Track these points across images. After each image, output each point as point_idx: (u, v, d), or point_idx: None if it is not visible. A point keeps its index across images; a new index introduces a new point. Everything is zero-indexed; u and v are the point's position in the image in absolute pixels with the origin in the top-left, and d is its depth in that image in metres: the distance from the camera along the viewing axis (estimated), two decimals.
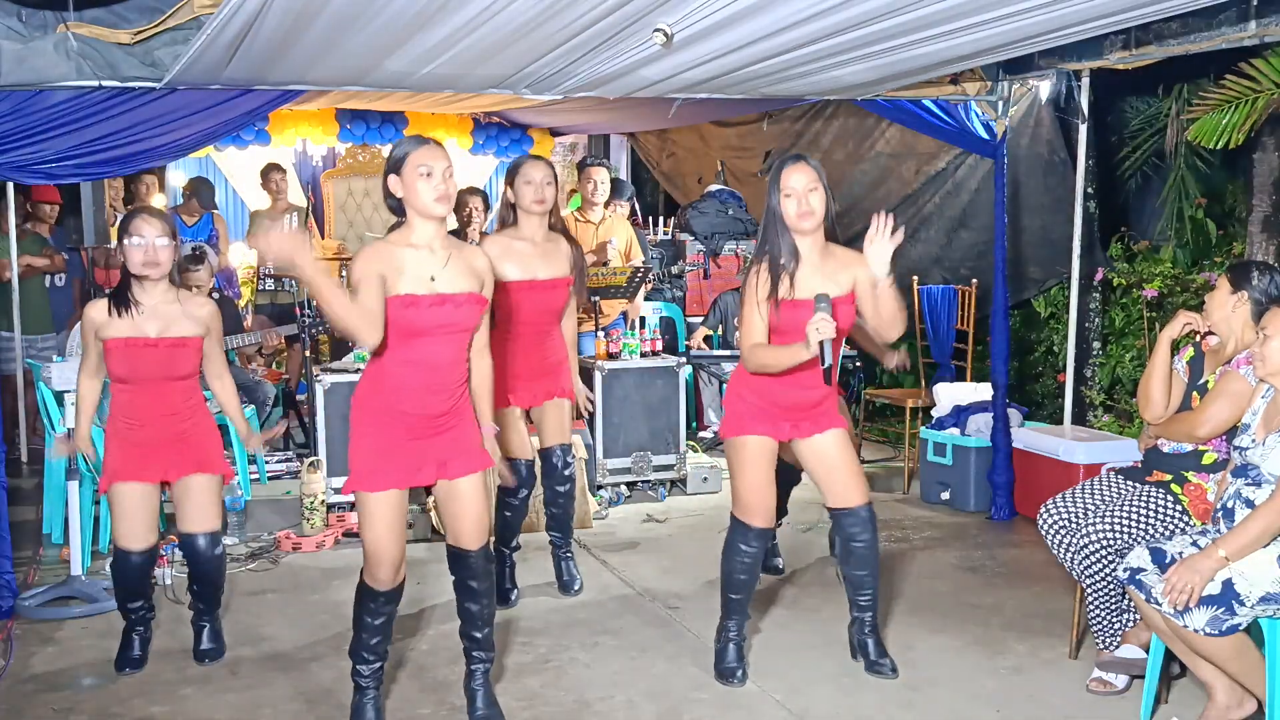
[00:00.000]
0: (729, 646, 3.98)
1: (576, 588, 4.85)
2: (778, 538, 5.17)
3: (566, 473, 4.77)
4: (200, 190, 8.27)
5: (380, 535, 3.38)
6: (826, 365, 3.57)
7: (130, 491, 3.93)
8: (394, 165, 3.34)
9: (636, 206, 8.82)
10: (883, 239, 3.63)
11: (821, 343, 3.50)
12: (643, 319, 7.48)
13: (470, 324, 3.38)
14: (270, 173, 8.40)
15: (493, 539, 4.27)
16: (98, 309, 3.91)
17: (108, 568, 4.15)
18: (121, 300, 3.89)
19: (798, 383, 3.77)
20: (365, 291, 3.23)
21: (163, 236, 3.88)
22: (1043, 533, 3.99)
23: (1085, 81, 5.78)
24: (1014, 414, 6.15)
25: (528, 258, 4.49)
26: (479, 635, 3.57)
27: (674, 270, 8.22)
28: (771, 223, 3.79)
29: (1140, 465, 4.01)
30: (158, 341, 3.89)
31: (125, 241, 3.87)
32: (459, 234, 6.40)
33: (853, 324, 3.85)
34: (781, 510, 5.04)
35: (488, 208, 7.54)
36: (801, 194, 3.71)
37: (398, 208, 3.38)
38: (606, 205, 7.43)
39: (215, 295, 6.91)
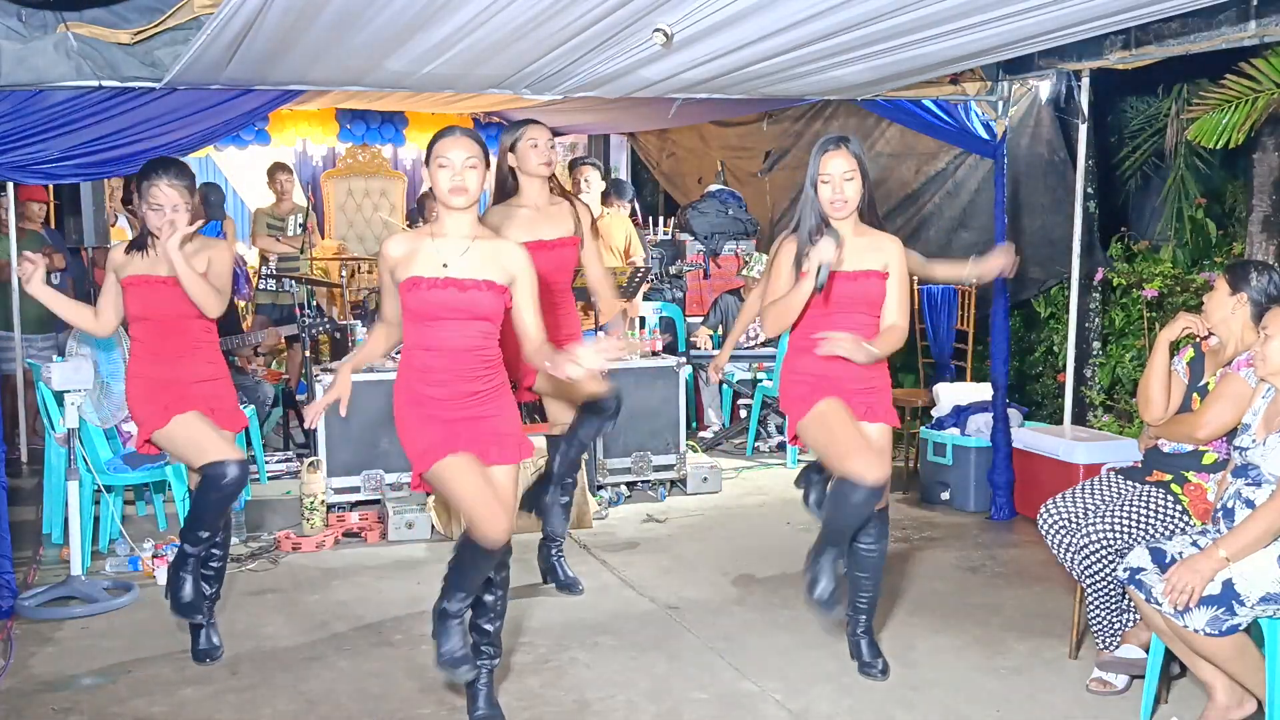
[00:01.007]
0: (824, 569, 3.78)
1: (581, 587, 4.84)
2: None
3: (614, 406, 4.55)
4: (209, 196, 8.27)
5: (474, 492, 3.35)
6: (819, 284, 3.55)
7: (181, 423, 3.99)
8: (426, 156, 3.43)
9: (636, 206, 8.82)
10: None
11: (820, 265, 3.51)
12: (642, 319, 7.49)
13: (483, 311, 3.37)
14: (276, 172, 8.40)
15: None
16: (119, 251, 4.05)
17: (108, 567, 4.13)
18: (140, 245, 4.03)
19: (839, 360, 3.70)
20: (384, 295, 3.47)
21: (182, 205, 3.95)
22: (1043, 533, 3.99)
23: (1085, 81, 5.78)
24: (1014, 414, 6.15)
25: (532, 221, 4.49)
26: (489, 629, 3.57)
27: (674, 270, 8.22)
28: (806, 202, 3.77)
29: (1140, 465, 4.01)
30: (169, 279, 3.96)
31: (144, 206, 3.96)
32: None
33: (883, 303, 3.81)
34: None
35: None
36: (838, 181, 3.69)
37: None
38: (607, 203, 7.44)
39: None
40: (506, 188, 4.60)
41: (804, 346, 3.80)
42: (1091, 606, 3.87)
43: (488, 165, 3.42)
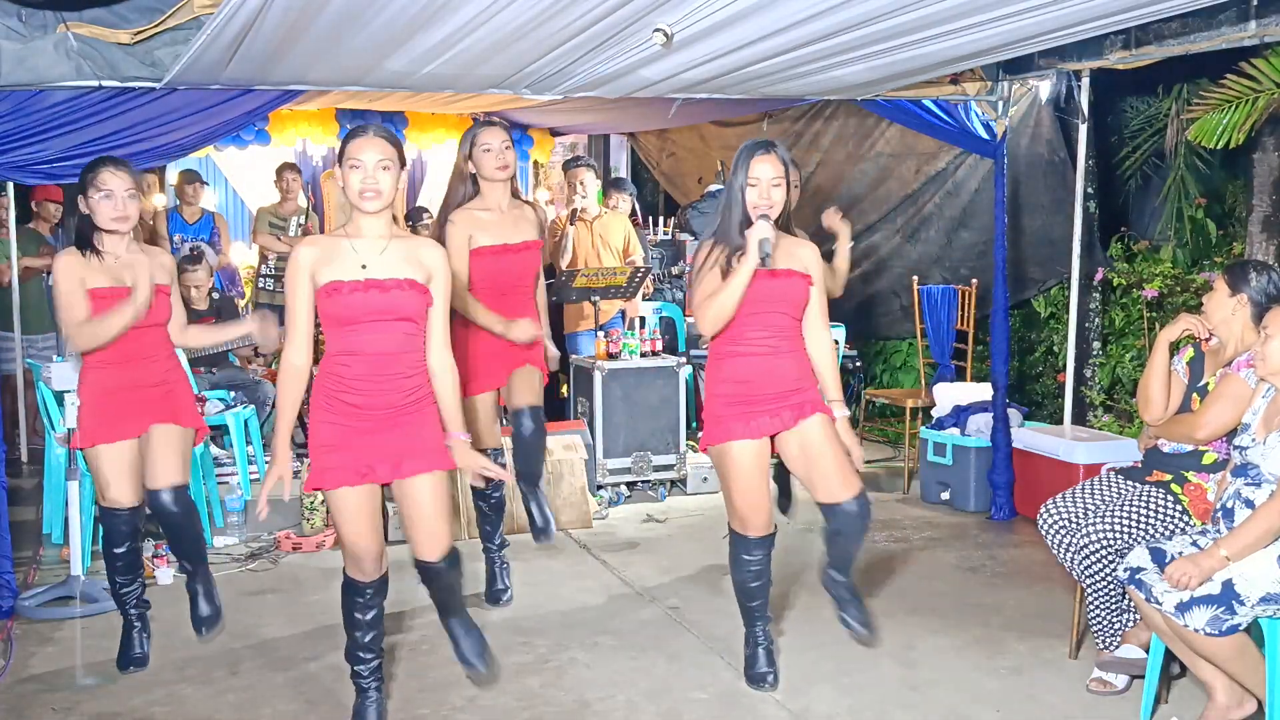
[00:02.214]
0: (757, 652, 3.91)
1: (552, 528, 4.71)
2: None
3: (532, 435, 4.64)
4: (193, 179, 8.31)
5: (351, 530, 3.36)
6: (764, 257, 3.54)
7: (110, 451, 3.91)
8: (338, 155, 3.34)
9: (636, 206, 8.81)
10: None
11: (761, 242, 3.52)
12: (642, 319, 7.48)
13: (407, 311, 3.28)
14: (284, 171, 8.40)
15: (470, 540, 4.20)
16: (73, 255, 3.82)
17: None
18: (89, 248, 3.84)
19: (764, 353, 3.69)
20: (296, 303, 3.26)
21: (131, 190, 3.83)
22: (1043, 533, 3.99)
23: (1085, 81, 5.78)
24: (1014, 414, 6.15)
25: (496, 225, 4.43)
26: (454, 620, 3.58)
27: (674, 270, 8.22)
28: (730, 205, 3.72)
29: (1140, 465, 4.01)
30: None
31: (92, 195, 3.80)
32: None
33: (807, 302, 3.78)
34: (786, 494, 5.02)
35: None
36: (765, 186, 3.66)
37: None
38: (607, 201, 7.43)
39: (216, 295, 6.94)
40: (459, 193, 4.47)
41: (725, 353, 3.76)
42: (1091, 606, 3.87)
43: (403, 165, 3.30)
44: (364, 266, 3.26)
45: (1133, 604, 3.74)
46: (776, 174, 3.66)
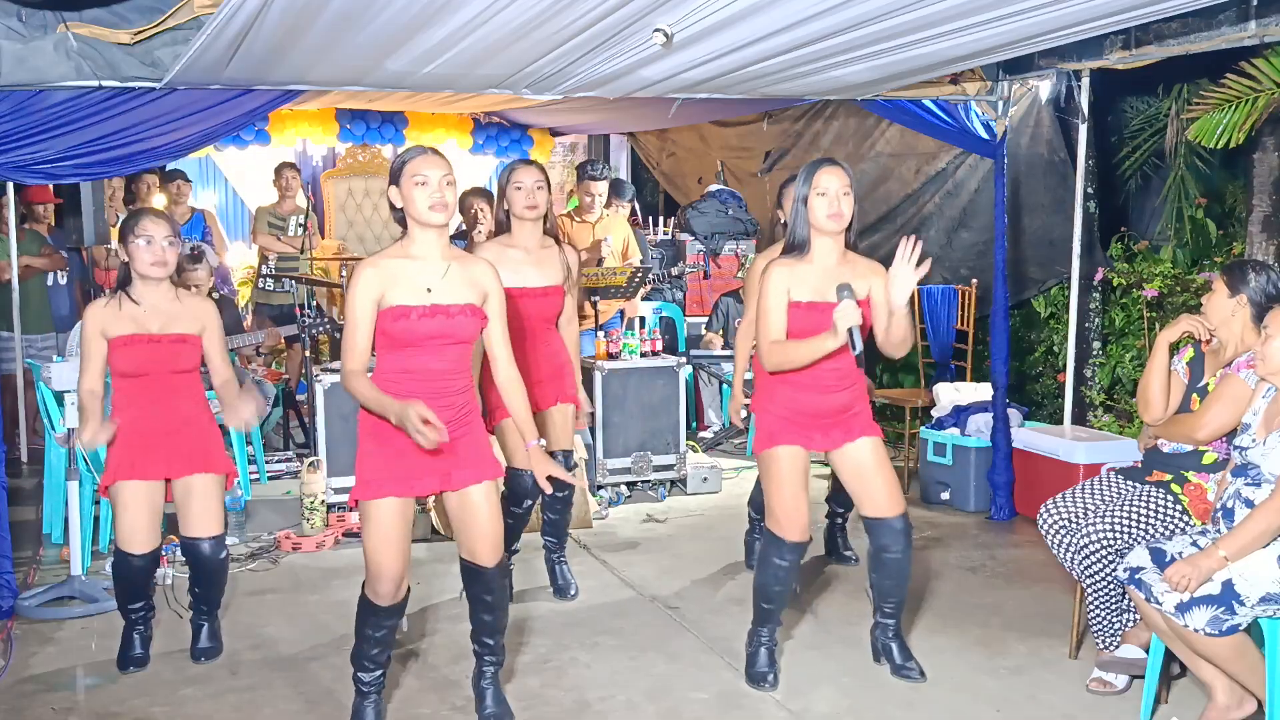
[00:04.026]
0: (760, 651, 3.94)
1: (573, 593, 4.83)
2: (846, 529, 5.19)
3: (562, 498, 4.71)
4: (174, 178, 8.32)
5: (379, 546, 3.35)
6: (857, 352, 3.54)
7: (134, 490, 3.92)
8: (393, 176, 3.35)
9: (636, 206, 8.82)
10: (909, 266, 3.55)
11: (850, 330, 3.49)
12: (642, 319, 7.49)
13: (467, 336, 3.35)
14: (283, 170, 8.41)
15: None
16: (98, 308, 3.93)
17: (108, 568, 4.15)
18: (121, 294, 3.93)
19: (820, 386, 3.75)
20: (357, 322, 3.27)
21: (170, 237, 3.92)
22: (1043, 533, 3.99)
23: (1085, 81, 5.78)
24: (1014, 414, 6.15)
25: (520, 265, 4.46)
26: (490, 642, 3.57)
27: (674, 270, 8.23)
28: (797, 222, 3.76)
29: (1140, 465, 4.01)
30: (160, 338, 3.91)
31: (133, 242, 3.89)
32: (464, 237, 6.36)
33: (869, 328, 3.80)
34: (844, 502, 5.07)
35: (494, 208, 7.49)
36: (834, 195, 3.68)
37: (401, 218, 3.38)
38: (607, 205, 7.44)
39: (216, 295, 6.94)
40: (502, 226, 4.57)
41: (781, 378, 3.79)
42: (1091, 606, 3.87)
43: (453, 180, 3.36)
44: (429, 290, 3.29)
45: (1133, 604, 3.74)
46: (844, 184, 3.69)
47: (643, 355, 6.46)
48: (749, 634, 3.98)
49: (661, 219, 9.85)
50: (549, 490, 3.51)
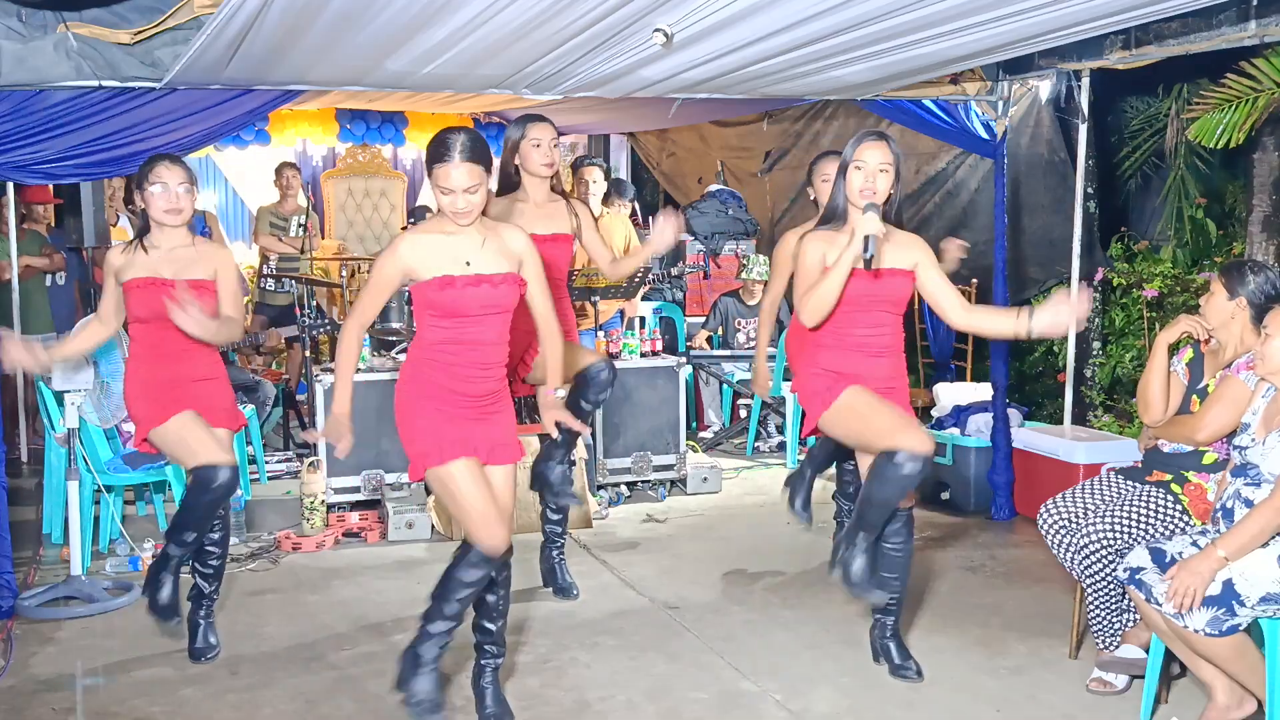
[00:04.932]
0: (858, 552, 3.75)
1: (576, 592, 4.82)
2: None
3: (605, 376, 4.54)
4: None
5: (477, 497, 3.36)
6: (869, 254, 3.48)
7: (179, 423, 3.95)
8: (427, 167, 3.40)
9: (637, 206, 8.82)
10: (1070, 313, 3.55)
11: (866, 237, 3.46)
12: (642, 319, 7.49)
13: (508, 305, 3.41)
14: (283, 170, 8.41)
15: None
16: (115, 252, 4.00)
17: (109, 567, 4.14)
18: (136, 243, 3.98)
19: (866, 349, 3.71)
20: (379, 283, 3.38)
21: (184, 183, 3.95)
22: (1043, 533, 3.99)
23: (1085, 81, 5.78)
24: (1014, 414, 6.15)
25: (530, 216, 4.45)
26: (493, 628, 3.57)
27: (674, 270, 8.23)
28: (838, 193, 3.72)
29: (1140, 465, 4.01)
30: (174, 282, 3.93)
31: (148, 189, 3.92)
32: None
33: (908, 300, 3.79)
34: (852, 495, 4.87)
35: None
36: (872, 169, 3.62)
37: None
38: (607, 203, 7.44)
39: None
40: (510, 182, 4.56)
41: (825, 344, 3.76)
42: (1091, 606, 3.87)
43: (489, 173, 3.37)
44: (469, 263, 3.35)
45: (1133, 604, 3.74)
46: (885, 160, 3.63)
47: (643, 355, 6.46)
48: (841, 540, 3.80)
49: (662, 219, 9.83)
50: (554, 434, 3.65)
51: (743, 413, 7.75)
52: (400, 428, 3.45)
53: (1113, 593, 3.82)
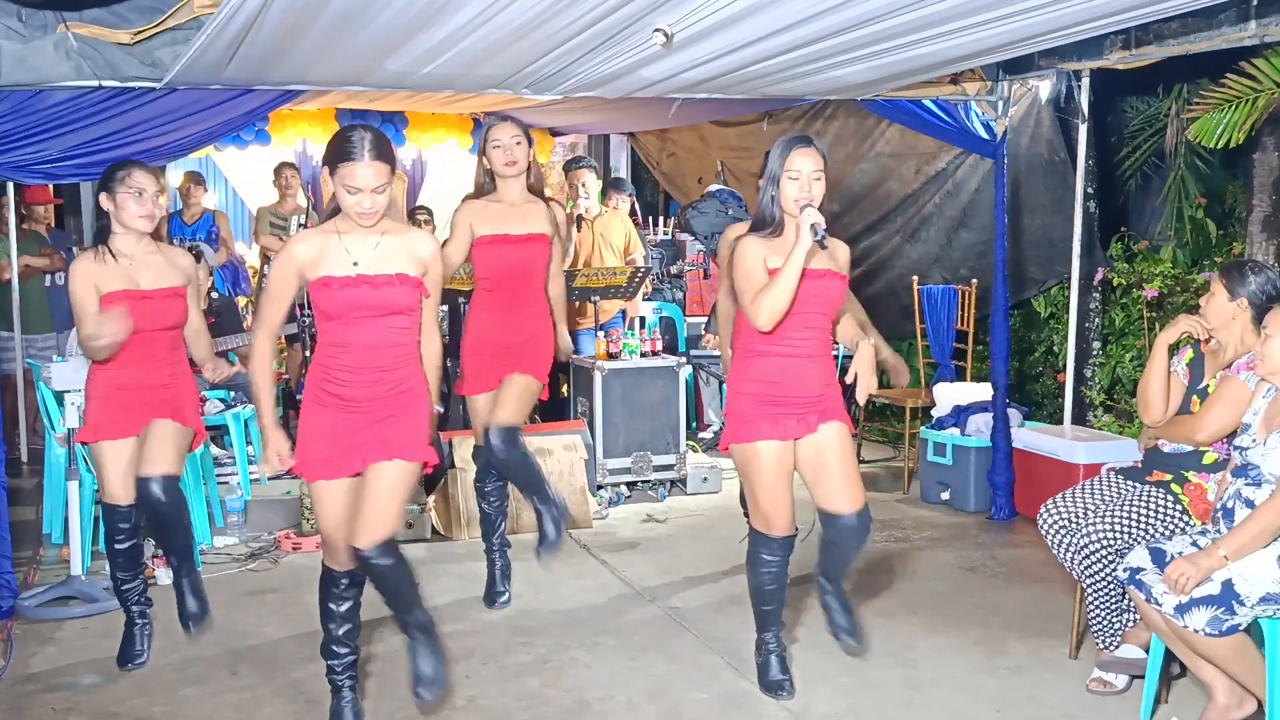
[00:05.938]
0: (771, 659, 3.85)
1: (551, 540, 4.58)
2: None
3: (502, 456, 4.43)
4: (198, 180, 8.34)
5: (329, 520, 3.39)
6: (819, 238, 3.48)
7: (116, 449, 3.95)
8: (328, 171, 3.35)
9: (636, 206, 8.82)
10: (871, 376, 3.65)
11: (813, 225, 3.47)
12: (642, 319, 7.48)
13: (397, 306, 3.33)
14: (283, 170, 8.42)
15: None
16: (87, 261, 3.89)
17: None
18: (104, 248, 3.91)
19: (794, 354, 3.65)
20: (275, 301, 3.40)
21: (159, 193, 3.95)
22: (1043, 533, 3.99)
23: (1085, 81, 5.78)
24: (1014, 414, 6.15)
25: (500, 216, 4.45)
26: (406, 618, 3.53)
27: (674, 270, 8.23)
28: (767, 200, 3.67)
29: (1140, 465, 4.01)
30: (152, 293, 3.91)
31: (122, 193, 3.87)
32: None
33: (842, 304, 3.77)
34: None
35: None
36: (806, 179, 3.60)
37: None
38: (606, 201, 7.44)
39: (216, 296, 6.94)
40: (484, 187, 4.54)
41: (757, 352, 3.68)
42: (1091, 606, 3.87)
43: (394, 173, 3.37)
44: (356, 264, 3.31)
45: (1133, 604, 3.74)
46: (817, 167, 3.62)
47: (643, 355, 6.46)
48: (756, 644, 3.91)
49: (661, 219, 9.84)
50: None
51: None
52: (298, 428, 3.45)
53: (1113, 593, 3.82)
